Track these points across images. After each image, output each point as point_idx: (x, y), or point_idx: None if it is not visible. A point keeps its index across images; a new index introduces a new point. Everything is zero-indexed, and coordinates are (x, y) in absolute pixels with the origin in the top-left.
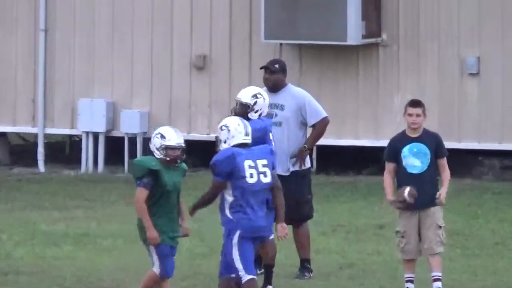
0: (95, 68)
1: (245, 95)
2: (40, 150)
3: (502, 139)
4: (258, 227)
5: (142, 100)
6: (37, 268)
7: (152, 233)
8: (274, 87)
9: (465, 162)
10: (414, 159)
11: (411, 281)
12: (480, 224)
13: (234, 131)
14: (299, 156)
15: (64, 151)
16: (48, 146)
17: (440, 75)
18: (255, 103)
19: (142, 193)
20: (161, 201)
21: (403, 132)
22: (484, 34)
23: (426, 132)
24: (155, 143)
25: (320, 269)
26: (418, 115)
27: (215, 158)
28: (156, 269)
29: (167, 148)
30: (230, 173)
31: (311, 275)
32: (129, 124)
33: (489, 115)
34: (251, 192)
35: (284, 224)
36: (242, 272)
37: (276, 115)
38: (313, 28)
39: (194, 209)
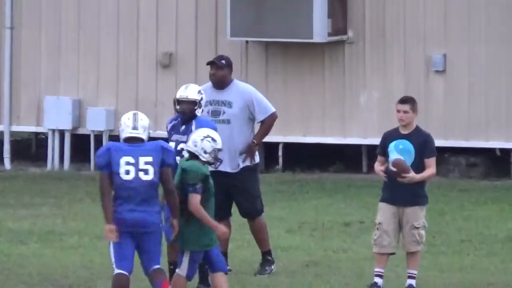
0: (61, 65)
1: (191, 92)
2: (6, 147)
3: (468, 137)
4: (131, 222)
5: (108, 97)
6: (3, 266)
7: (221, 228)
8: (220, 83)
9: None
10: (399, 155)
11: (380, 276)
12: (446, 221)
13: (123, 125)
14: (249, 152)
15: (30, 148)
16: (14, 143)
17: (406, 73)
18: (201, 99)
19: (197, 199)
20: (205, 205)
21: (396, 128)
22: (450, 31)
23: (417, 131)
24: (206, 146)
25: (286, 266)
26: (405, 112)
27: (97, 151)
28: (182, 272)
29: (218, 151)
30: (108, 167)
31: (273, 267)
32: (95, 122)
33: (456, 112)
34: (127, 188)
35: (175, 221)
36: (114, 265)
37: (224, 112)
38: (279, 26)
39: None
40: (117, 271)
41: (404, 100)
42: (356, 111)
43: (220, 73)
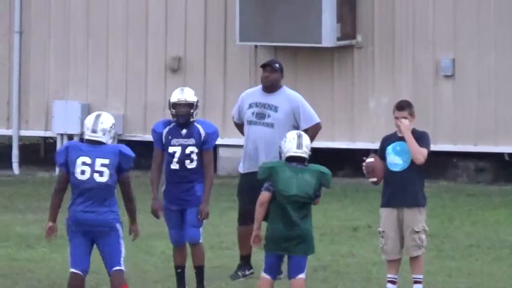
0: (70, 70)
1: (188, 94)
2: (15, 152)
3: (477, 141)
4: (84, 222)
5: (117, 102)
6: (11, 271)
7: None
8: (271, 87)
9: (439, 164)
10: (396, 157)
11: (393, 282)
12: (455, 226)
13: (85, 126)
14: None
15: (39, 153)
16: (23, 148)
17: (415, 77)
18: (197, 101)
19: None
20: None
21: (395, 132)
22: (459, 36)
23: (413, 132)
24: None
25: None
26: (404, 118)
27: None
28: (304, 275)
29: None
30: (66, 165)
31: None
32: None
33: (464, 117)
34: (81, 188)
35: (134, 226)
36: (70, 265)
37: (268, 116)
38: (288, 30)
39: None
40: (71, 270)
41: (400, 107)
42: (365, 115)
43: (274, 76)
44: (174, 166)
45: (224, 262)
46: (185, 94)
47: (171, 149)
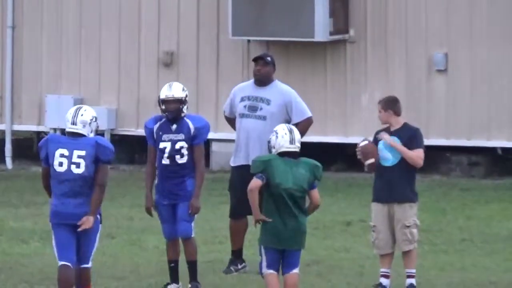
0: (63, 64)
1: (176, 90)
2: (8, 146)
3: (470, 136)
4: (64, 215)
5: (109, 96)
6: (5, 265)
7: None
8: (264, 80)
9: (433, 158)
10: (386, 152)
11: (385, 276)
12: (448, 220)
13: (66, 119)
14: None
15: (32, 147)
16: (16, 142)
17: (408, 72)
18: (186, 96)
19: None
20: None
21: (388, 127)
22: (452, 30)
23: (405, 126)
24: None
25: None
26: (379, 111)
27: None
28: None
29: None
30: (47, 159)
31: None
32: None
33: (457, 111)
34: (59, 180)
35: (91, 218)
36: (57, 258)
37: (261, 108)
38: (281, 25)
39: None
40: (60, 262)
41: (379, 101)
42: (358, 110)
43: (266, 69)
44: (165, 161)
45: (217, 257)
46: (172, 90)
47: (161, 145)
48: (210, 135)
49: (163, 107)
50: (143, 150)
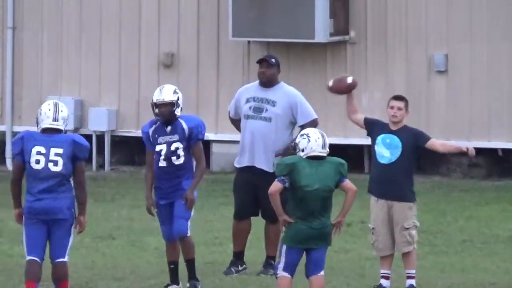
0: (63, 66)
1: (167, 94)
2: (8, 148)
3: (470, 137)
4: (39, 210)
5: (110, 97)
6: (5, 266)
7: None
8: (269, 82)
9: (433, 159)
10: (384, 149)
11: (386, 277)
12: (448, 221)
13: (43, 115)
14: (284, 154)
15: None
16: None
17: (408, 73)
18: (178, 98)
19: None
20: None
21: (387, 123)
22: (452, 31)
23: (405, 127)
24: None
25: None
26: (399, 109)
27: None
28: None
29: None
30: (21, 155)
31: (272, 272)
32: (97, 122)
33: (457, 112)
34: (36, 177)
35: (82, 218)
36: (26, 253)
37: (266, 110)
38: (281, 26)
39: None
40: (28, 258)
41: (399, 97)
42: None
43: (270, 71)
44: (162, 163)
45: (218, 258)
46: (163, 94)
47: (158, 148)
48: (211, 137)
49: (156, 110)
50: (143, 152)
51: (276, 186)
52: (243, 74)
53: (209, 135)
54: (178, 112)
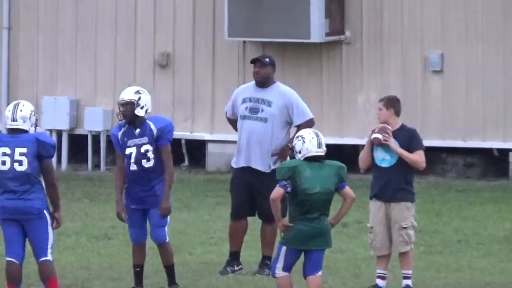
0: (59, 66)
1: (127, 93)
2: None
3: (466, 137)
4: (10, 210)
5: (105, 97)
6: (1, 266)
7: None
8: (263, 82)
9: (428, 159)
10: (383, 153)
11: (382, 277)
12: (444, 221)
13: (5, 117)
14: (281, 155)
15: None
16: None
17: (404, 72)
18: (139, 98)
19: None
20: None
21: (384, 126)
22: (447, 31)
23: (403, 128)
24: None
25: None
26: (379, 109)
27: None
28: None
29: None
30: None
31: (268, 271)
32: (92, 122)
33: (453, 112)
34: (4, 178)
35: (57, 214)
36: (5, 254)
37: (262, 110)
38: (277, 26)
39: None
40: (6, 258)
41: (381, 99)
42: (354, 111)
43: (264, 71)
44: (133, 167)
45: (213, 258)
46: (124, 93)
47: (127, 151)
48: (206, 136)
49: (118, 110)
50: None
51: (278, 192)
52: (238, 74)
53: (204, 135)
54: (139, 112)
